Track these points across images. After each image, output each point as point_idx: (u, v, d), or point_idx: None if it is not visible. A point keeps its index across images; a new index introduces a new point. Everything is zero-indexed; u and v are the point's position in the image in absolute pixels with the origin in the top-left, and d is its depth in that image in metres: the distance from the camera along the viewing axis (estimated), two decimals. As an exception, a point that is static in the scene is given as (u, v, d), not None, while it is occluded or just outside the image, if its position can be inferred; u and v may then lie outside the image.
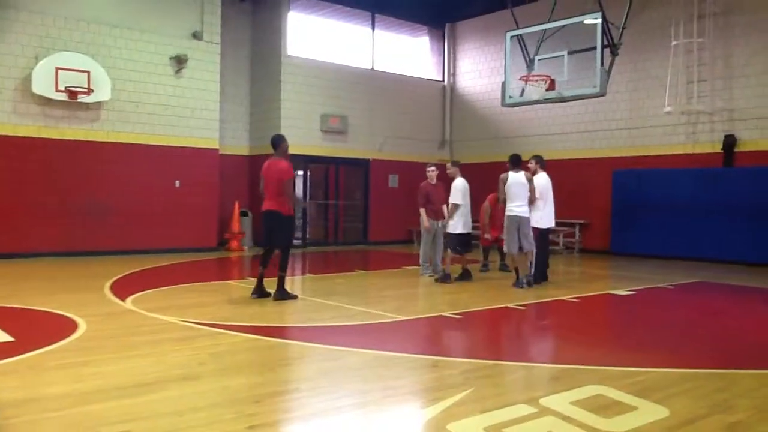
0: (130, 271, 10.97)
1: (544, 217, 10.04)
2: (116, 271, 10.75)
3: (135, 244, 13.89)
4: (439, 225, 10.69)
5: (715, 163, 14.17)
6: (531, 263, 9.94)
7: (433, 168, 10.90)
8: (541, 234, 10.11)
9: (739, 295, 9.89)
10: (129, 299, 8.07)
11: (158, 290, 8.99)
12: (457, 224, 10.10)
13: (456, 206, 10.06)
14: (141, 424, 3.79)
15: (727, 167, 14.01)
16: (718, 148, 14.11)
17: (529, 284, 9.68)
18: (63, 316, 6.95)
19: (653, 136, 15.19)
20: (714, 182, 14.09)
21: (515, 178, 9.64)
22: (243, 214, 16.08)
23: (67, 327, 6.36)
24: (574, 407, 4.15)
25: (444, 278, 10.14)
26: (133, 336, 6.13)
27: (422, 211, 10.70)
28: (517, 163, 9.76)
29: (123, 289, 8.95)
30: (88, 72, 13.03)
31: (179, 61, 14.59)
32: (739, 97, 13.92)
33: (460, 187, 10.13)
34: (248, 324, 6.77)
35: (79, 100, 13.04)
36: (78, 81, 12.89)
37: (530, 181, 9.72)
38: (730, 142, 13.91)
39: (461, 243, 10.19)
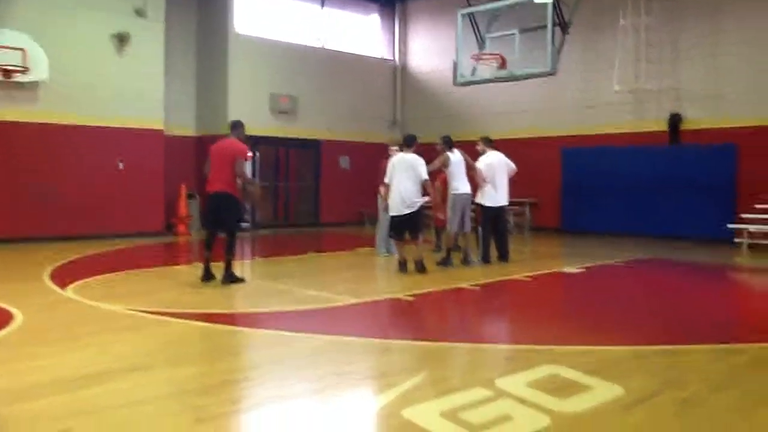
0: (71, 258, 10.56)
1: (497, 195, 10.06)
2: (56, 259, 10.33)
3: (76, 229, 13.38)
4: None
5: (662, 141, 14.42)
6: (481, 244, 10.01)
7: (396, 147, 10.83)
8: (496, 212, 10.13)
9: (685, 271, 10.11)
10: (70, 287, 7.74)
11: (101, 277, 8.65)
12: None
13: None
14: (84, 419, 3.61)
15: (672, 145, 14.27)
16: (664, 126, 14.35)
17: (468, 262, 9.85)
18: (-2, 306, 6.62)
19: (602, 114, 15.35)
20: (660, 160, 14.36)
21: (457, 157, 9.70)
22: (190, 197, 15.69)
23: (2, 318, 6.03)
24: (529, 388, 4.12)
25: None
26: (75, 326, 5.87)
27: (382, 189, 10.59)
28: (450, 143, 9.85)
29: (64, 277, 8.58)
30: (23, 50, 12.39)
31: (121, 39, 14.03)
32: (685, 77, 14.15)
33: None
34: (197, 311, 6.57)
35: (13, 80, 12.44)
36: (12, 59, 12.26)
37: (446, 161, 9.70)
38: (675, 120, 14.16)
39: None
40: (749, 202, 12.80)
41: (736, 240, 12.46)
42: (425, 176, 9.00)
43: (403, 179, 8.99)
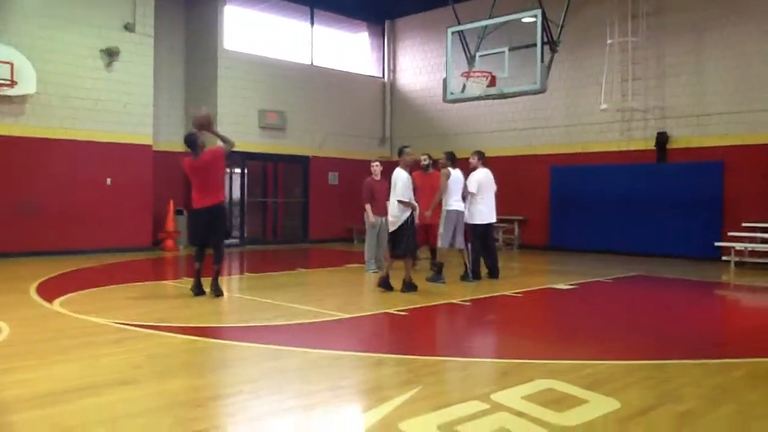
0: (58, 273, 10.43)
1: (485, 212, 10.05)
2: (44, 273, 10.19)
3: (64, 244, 13.24)
4: (383, 221, 10.58)
5: (649, 160, 14.53)
6: (469, 260, 9.99)
7: (378, 164, 10.88)
8: (485, 229, 10.12)
9: (675, 287, 10.13)
10: (57, 301, 7.63)
11: (89, 291, 8.53)
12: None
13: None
14: (70, 434, 3.52)
15: (660, 163, 14.39)
16: (651, 144, 14.47)
17: (466, 278, 9.85)
18: (-17, 320, 6.50)
19: (589, 132, 15.47)
20: (648, 178, 14.46)
21: (456, 174, 9.72)
22: (178, 212, 15.59)
23: (-12, 332, 5.93)
24: (526, 402, 4.08)
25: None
26: (62, 339, 5.76)
27: (368, 207, 10.59)
28: (453, 159, 9.85)
29: (51, 290, 8.47)
30: (11, 63, 12.32)
31: (110, 54, 13.99)
32: (671, 95, 14.31)
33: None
34: (186, 325, 6.49)
35: (1, 93, 12.34)
36: (0, 73, 12.18)
37: (446, 176, 9.69)
38: (662, 139, 14.29)
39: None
40: (736, 219, 12.92)
41: (724, 258, 12.54)
42: (400, 195, 8.63)
43: (390, 195, 8.93)
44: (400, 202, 8.67)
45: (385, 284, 8.84)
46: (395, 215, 8.73)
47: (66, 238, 13.34)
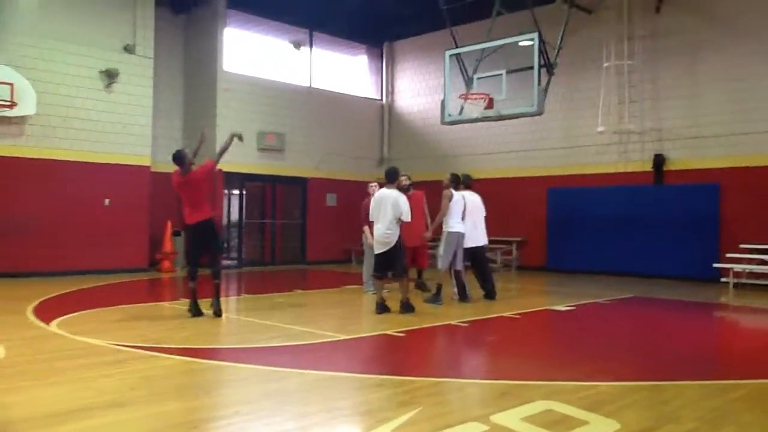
0: (56, 293, 10.39)
1: (476, 235, 10.03)
2: (41, 293, 10.16)
3: (62, 265, 13.21)
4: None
5: (646, 181, 14.59)
6: (456, 283, 10.00)
7: (375, 185, 10.87)
8: (474, 252, 10.10)
9: (672, 309, 10.11)
10: (54, 322, 7.59)
11: (86, 312, 8.49)
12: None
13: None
14: (65, 455, 3.49)
15: (657, 185, 14.44)
16: (648, 166, 14.53)
17: (465, 299, 9.86)
18: (-21, 341, 6.46)
19: (586, 155, 15.54)
20: (645, 200, 14.50)
21: (458, 197, 9.71)
22: (175, 233, 15.58)
23: (-16, 353, 5.89)
24: (525, 423, 4.06)
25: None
26: (58, 361, 5.73)
27: (366, 228, 10.58)
28: (457, 181, 9.87)
29: (48, 311, 8.43)
30: (12, 84, 12.40)
31: (110, 75, 14.08)
32: (667, 117, 14.41)
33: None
34: (182, 346, 6.45)
35: (1, 114, 12.39)
36: (0, 93, 12.25)
37: (448, 198, 9.61)
38: (659, 161, 14.36)
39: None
40: (733, 241, 12.94)
41: (722, 279, 12.54)
42: (400, 215, 8.55)
43: (381, 216, 8.69)
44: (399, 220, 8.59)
45: (383, 308, 8.75)
46: (388, 236, 8.61)
47: (64, 259, 13.31)
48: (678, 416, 4.33)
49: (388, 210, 8.58)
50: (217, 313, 7.98)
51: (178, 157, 8.05)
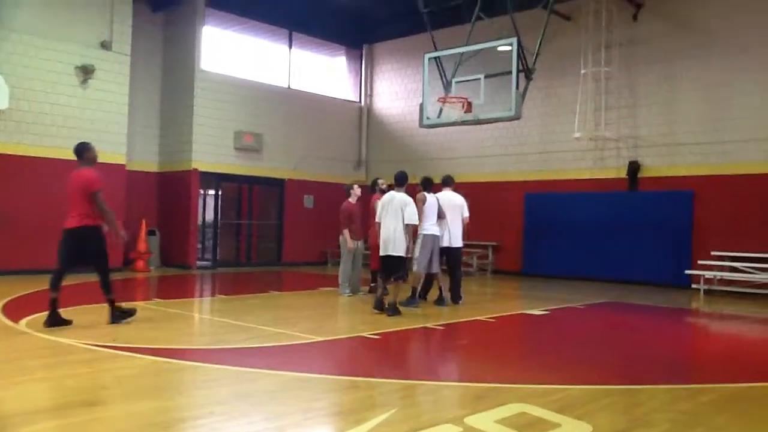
0: (25, 292, 10.20)
1: (447, 236, 10.01)
2: (10, 292, 9.98)
3: (32, 263, 12.93)
4: (358, 245, 10.67)
5: (621, 188, 14.75)
6: (440, 286, 10.03)
7: (358, 186, 11.00)
8: (451, 252, 10.10)
9: (645, 313, 10.23)
10: (23, 321, 7.47)
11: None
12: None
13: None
14: (34, 455, 3.42)
15: (631, 191, 14.61)
16: (623, 173, 14.70)
17: (442, 302, 9.86)
18: (-54, 339, 6.33)
19: (563, 160, 15.68)
20: (619, 206, 14.67)
21: (432, 200, 9.74)
22: (150, 233, 15.42)
23: (-49, 351, 5.77)
24: (498, 425, 4.07)
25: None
26: (27, 359, 5.63)
27: (346, 231, 10.56)
28: (428, 184, 9.93)
29: (17, 310, 8.30)
30: (-16, 79, 12.20)
31: (86, 71, 13.88)
32: (643, 124, 14.59)
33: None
34: (155, 346, 6.37)
35: (-28, 109, 12.19)
36: (-29, 88, 12.05)
37: (421, 201, 9.58)
38: (634, 167, 14.53)
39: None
40: (705, 248, 13.13)
41: (694, 286, 12.71)
42: (410, 219, 8.78)
43: (390, 220, 8.85)
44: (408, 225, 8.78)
45: (383, 307, 8.84)
46: (401, 239, 8.77)
47: (36, 257, 13.03)
48: (650, 419, 4.37)
49: (398, 212, 8.81)
50: (117, 320, 7.49)
51: (79, 149, 7.61)
